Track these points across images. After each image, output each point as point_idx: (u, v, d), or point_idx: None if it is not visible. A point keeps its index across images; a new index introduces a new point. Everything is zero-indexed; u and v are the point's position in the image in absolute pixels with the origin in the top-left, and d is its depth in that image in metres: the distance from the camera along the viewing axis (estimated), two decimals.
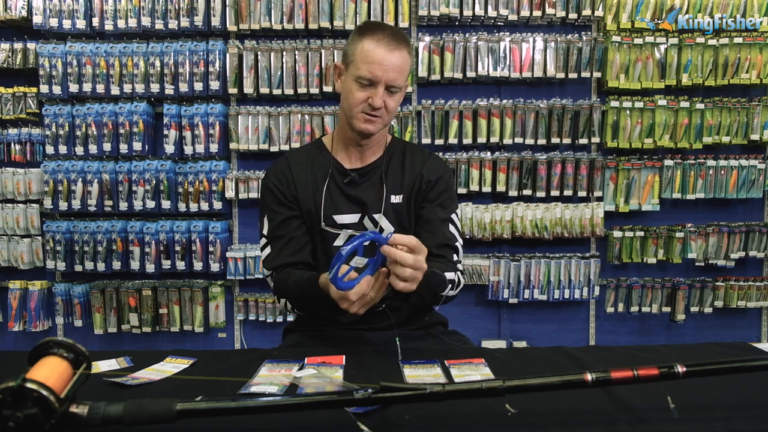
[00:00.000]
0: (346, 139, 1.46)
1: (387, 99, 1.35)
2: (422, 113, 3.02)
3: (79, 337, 3.04)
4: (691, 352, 1.24)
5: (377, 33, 1.33)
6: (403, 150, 1.52)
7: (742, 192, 3.07)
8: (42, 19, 2.97)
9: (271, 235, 1.44)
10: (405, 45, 1.36)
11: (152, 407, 0.79)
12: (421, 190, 1.46)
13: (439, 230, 1.41)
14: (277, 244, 1.42)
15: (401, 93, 1.39)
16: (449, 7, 2.95)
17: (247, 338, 3.19)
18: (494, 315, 3.21)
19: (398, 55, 1.33)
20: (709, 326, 3.22)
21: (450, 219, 1.45)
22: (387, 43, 1.32)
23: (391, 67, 1.32)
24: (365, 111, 1.35)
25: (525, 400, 0.85)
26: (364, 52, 1.33)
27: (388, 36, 1.33)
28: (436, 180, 1.47)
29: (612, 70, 2.98)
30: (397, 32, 1.37)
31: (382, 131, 1.44)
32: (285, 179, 1.46)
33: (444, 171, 1.50)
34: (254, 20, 2.95)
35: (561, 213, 3.03)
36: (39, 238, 3.09)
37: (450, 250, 1.41)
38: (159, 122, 3.10)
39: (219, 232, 3.02)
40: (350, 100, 1.37)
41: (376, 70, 1.32)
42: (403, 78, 1.36)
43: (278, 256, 1.41)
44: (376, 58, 1.32)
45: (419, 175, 1.47)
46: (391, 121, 1.44)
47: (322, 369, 1.08)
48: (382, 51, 1.32)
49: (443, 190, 1.47)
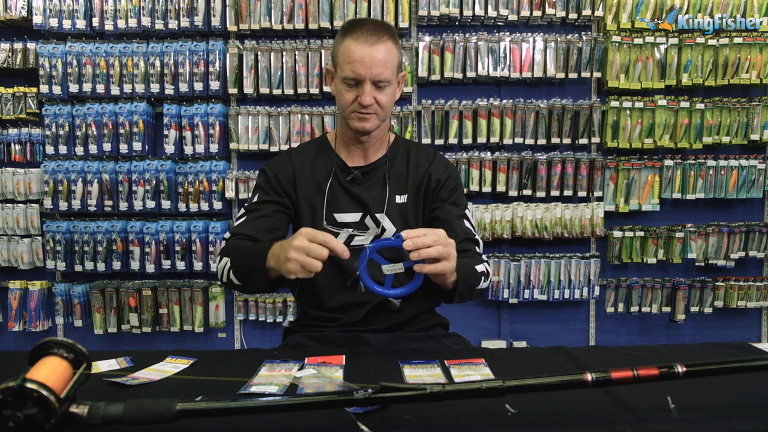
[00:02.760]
0: (346, 138, 1.47)
1: (377, 95, 1.34)
2: (422, 113, 3.02)
3: (79, 337, 3.05)
4: (691, 352, 1.24)
5: (356, 30, 1.33)
6: (407, 149, 1.51)
7: (742, 192, 3.07)
8: (42, 19, 2.97)
9: (249, 208, 1.44)
10: (387, 37, 1.34)
11: (152, 407, 0.79)
12: (429, 190, 1.46)
13: (457, 227, 1.40)
14: (251, 216, 1.42)
15: (392, 86, 1.37)
16: (449, 7, 2.95)
17: (247, 338, 3.19)
18: (494, 315, 3.21)
19: (380, 48, 1.31)
20: (709, 326, 3.22)
21: (465, 215, 1.45)
22: (366, 38, 1.31)
23: (373, 62, 1.31)
24: (357, 110, 1.35)
25: (525, 400, 0.85)
26: (346, 52, 1.33)
27: (367, 31, 1.32)
28: (446, 179, 1.46)
29: (612, 70, 2.98)
30: (379, 25, 1.35)
31: (382, 127, 1.44)
32: (285, 171, 1.46)
33: (452, 169, 1.50)
34: (254, 20, 2.95)
35: (561, 213, 3.03)
36: (39, 238, 3.09)
37: (472, 243, 1.41)
38: (159, 122, 3.10)
39: (219, 232, 3.02)
40: (341, 102, 1.38)
41: (359, 68, 1.31)
42: (390, 71, 1.34)
43: (246, 226, 1.40)
44: (357, 56, 1.31)
45: (426, 174, 1.46)
46: (388, 115, 1.42)
47: (322, 369, 1.08)
48: (362, 48, 1.31)
49: (453, 188, 1.47)
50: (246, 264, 1.27)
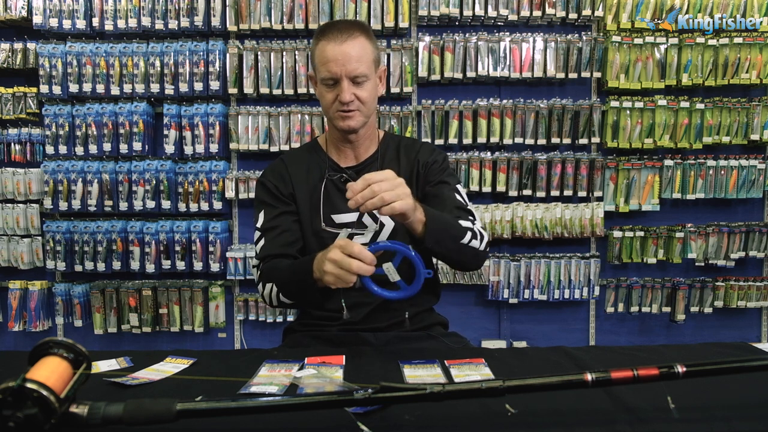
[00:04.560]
0: (335, 140, 1.48)
1: (356, 90, 1.35)
2: (422, 113, 3.02)
3: (79, 337, 3.05)
4: (691, 352, 1.24)
5: (327, 32, 1.35)
6: (397, 144, 1.52)
7: (742, 192, 3.07)
8: (42, 19, 2.97)
9: (265, 227, 1.43)
10: (359, 32, 1.35)
11: (152, 407, 0.79)
12: (420, 175, 1.46)
13: (448, 200, 1.40)
14: (270, 235, 1.42)
15: (372, 81, 1.38)
16: (449, 7, 2.95)
17: (247, 338, 3.19)
18: (494, 315, 3.21)
19: (351, 44, 1.33)
20: (709, 326, 3.22)
21: (456, 189, 1.45)
22: (336, 36, 1.33)
23: (346, 58, 1.32)
24: (339, 109, 1.37)
25: (525, 400, 0.85)
26: (321, 54, 1.35)
27: (338, 30, 1.34)
28: (432, 162, 1.47)
29: (612, 70, 2.98)
30: (349, 23, 1.37)
31: (369, 125, 1.45)
32: (282, 178, 1.47)
33: (439, 153, 1.51)
34: (254, 20, 2.95)
35: (561, 213, 3.03)
36: (39, 238, 3.09)
37: (463, 212, 1.40)
38: (159, 122, 3.10)
39: (219, 232, 3.02)
40: (324, 104, 1.40)
41: (333, 67, 1.33)
42: (365, 65, 1.35)
43: (270, 247, 1.40)
44: (330, 56, 1.33)
45: (415, 161, 1.47)
46: (372, 111, 1.43)
47: (322, 369, 1.08)
48: (333, 47, 1.33)
49: (442, 168, 1.48)
50: (294, 284, 1.29)
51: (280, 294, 1.33)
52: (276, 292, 1.33)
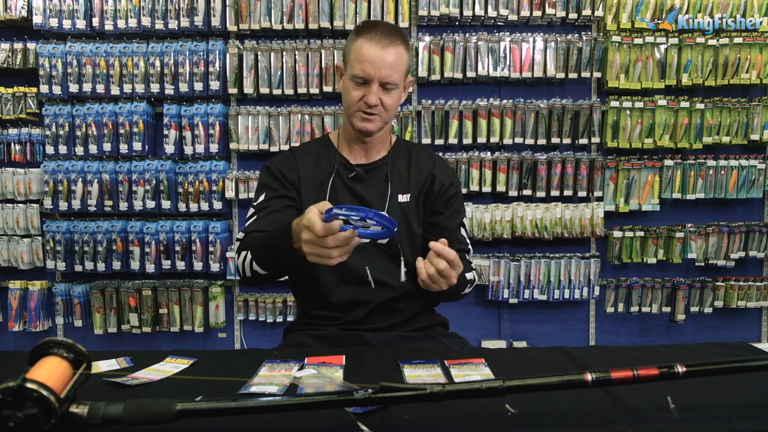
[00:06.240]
0: (349, 137, 1.49)
1: (383, 96, 1.36)
2: (422, 113, 3.02)
3: (79, 337, 3.05)
4: (691, 352, 1.24)
5: (370, 31, 1.35)
6: (408, 150, 1.54)
7: (742, 192, 3.07)
8: (42, 19, 2.97)
9: (260, 206, 1.43)
10: (399, 41, 1.36)
11: (152, 407, 0.79)
12: (432, 192, 1.48)
13: (455, 237, 1.45)
14: (262, 213, 1.41)
15: (399, 90, 1.40)
16: (449, 7, 2.95)
17: (247, 338, 3.19)
18: (494, 315, 3.21)
19: (391, 51, 1.34)
20: (709, 326, 3.22)
21: (463, 224, 1.51)
22: (379, 40, 1.33)
23: (383, 64, 1.33)
24: (362, 109, 1.37)
25: (525, 400, 0.85)
26: (357, 51, 1.35)
27: (380, 33, 1.34)
28: (449, 185, 1.50)
29: (612, 70, 2.98)
30: (392, 29, 1.37)
31: (385, 129, 1.46)
32: (289, 166, 1.47)
33: (455, 176, 1.55)
34: (254, 20, 2.95)
35: (561, 213, 3.03)
36: (39, 238, 3.09)
37: (466, 253, 1.47)
38: (159, 122, 3.10)
39: (219, 232, 3.02)
40: (348, 100, 1.40)
41: (368, 68, 1.33)
42: (398, 74, 1.36)
43: (260, 224, 1.38)
44: (368, 57, 1.33)
45: (430, 176, 1.49)
46: (391, 119, 1.45)
47: (322, 369, 1.08)
48: (374, 49, 1.33)
49: (455, 194, 1.51)
50: (270, 248, 1.24)
51: (253, 262, 1.30)
52: (250, 260, 1.30)
